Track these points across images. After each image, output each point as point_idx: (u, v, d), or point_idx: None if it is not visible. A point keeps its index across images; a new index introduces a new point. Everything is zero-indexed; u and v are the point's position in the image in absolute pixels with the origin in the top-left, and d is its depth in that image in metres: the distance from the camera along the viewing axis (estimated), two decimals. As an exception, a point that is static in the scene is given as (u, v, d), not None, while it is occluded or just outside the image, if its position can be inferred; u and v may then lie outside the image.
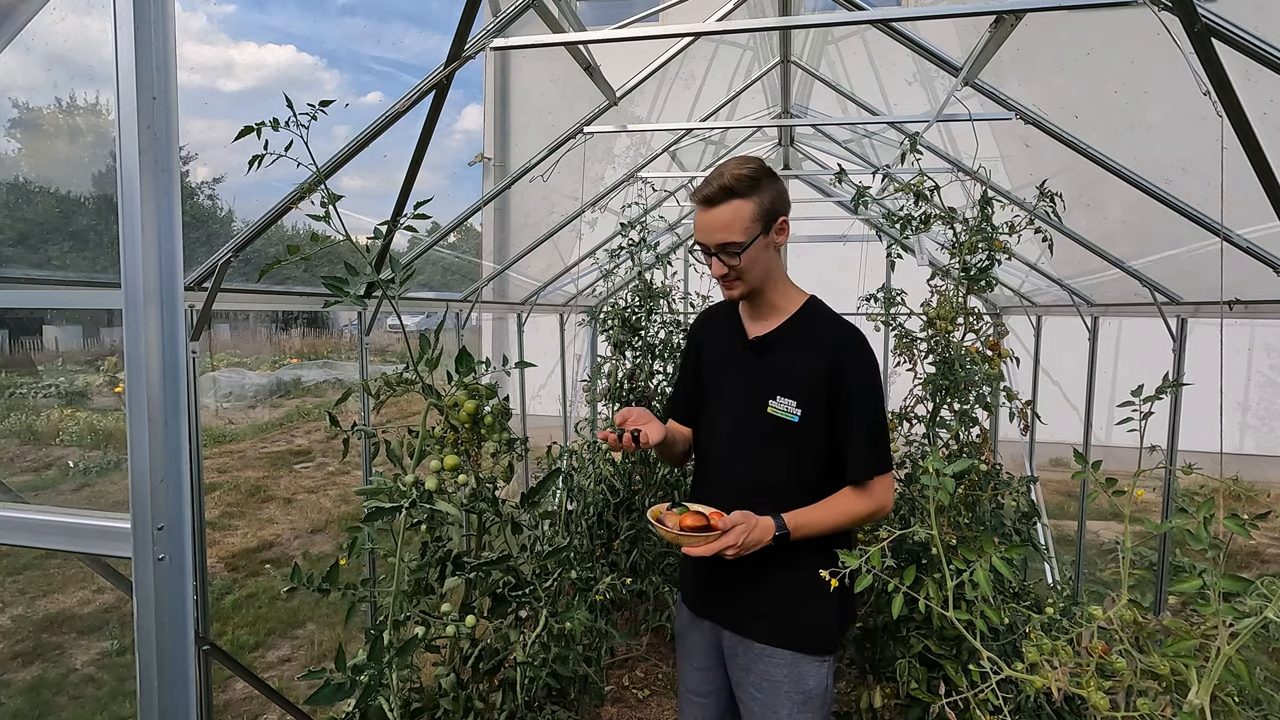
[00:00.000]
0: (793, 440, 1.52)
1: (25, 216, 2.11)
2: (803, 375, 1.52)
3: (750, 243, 1.48)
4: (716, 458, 1.65)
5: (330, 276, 1.22)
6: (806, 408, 1.51)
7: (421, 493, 1.20)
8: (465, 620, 1.27)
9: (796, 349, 1.56)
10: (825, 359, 1.50)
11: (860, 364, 1.52)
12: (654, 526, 1.45)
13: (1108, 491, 0.86)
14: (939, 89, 3.28)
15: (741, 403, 1.58)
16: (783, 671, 1.52)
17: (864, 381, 1.51)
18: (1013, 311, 4.77)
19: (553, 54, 2.74)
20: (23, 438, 9.42)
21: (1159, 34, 1.42)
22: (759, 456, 1.56)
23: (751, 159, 1.51)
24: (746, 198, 1.47)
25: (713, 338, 1.74)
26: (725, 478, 1.62)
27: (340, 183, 2.16)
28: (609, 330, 3.99)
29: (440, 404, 1.27)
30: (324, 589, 1.30)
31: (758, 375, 1.58)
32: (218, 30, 23.41)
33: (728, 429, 1.61)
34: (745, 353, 1.62)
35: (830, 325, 1.58)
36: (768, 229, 1.50)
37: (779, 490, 1.53)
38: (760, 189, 1.49)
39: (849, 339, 1.54)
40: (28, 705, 3.57)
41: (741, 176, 1.47)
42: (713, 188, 1.48)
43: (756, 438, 1.56)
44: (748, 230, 1.48)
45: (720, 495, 1.59)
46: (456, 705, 1.34)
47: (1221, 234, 2.14)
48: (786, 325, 1.59)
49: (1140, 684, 0.80)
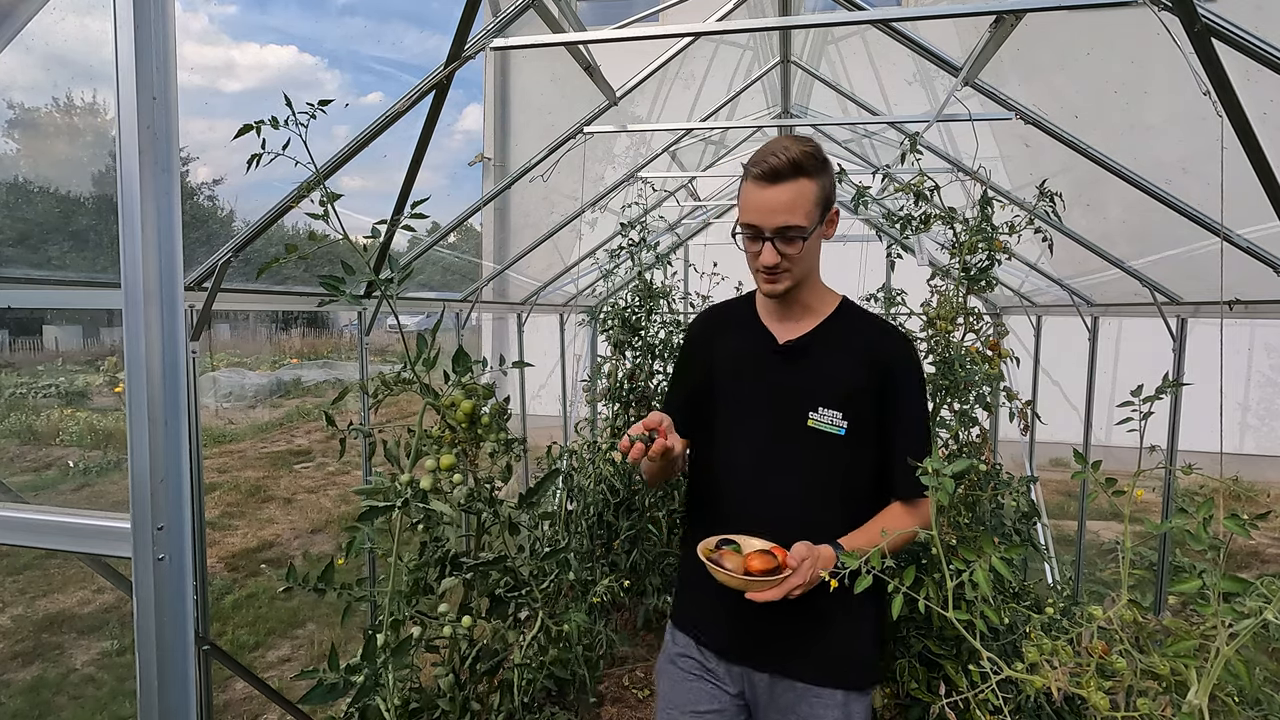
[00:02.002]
0: (838, 456, 1.37)
1: (25, 216, 2.11)
2: (847, 384, 1.38)
3: (813, 229, 1.32)
4: (737, 480, 1.44)
5: (327, 276, 1.22)
6: (853, 420, 1.36)
7: (416, 492, 1.20)
8: (462, 621, 1.27)
9: (837, 354, 1.41)
10: (874, 367, 1.38)
11: (914, 374, 1.41)
12: (712, 570, 1.24)
13: (1107, 491, 0.86)
14: (939, 89, 3.28)
15: (775, 415, 1.41)
16: (834, 714, 1.36)
17: (917, 393, 1.40)
18: (1013, 311, 4.77)
19: (553, 54, 2.74)
20: (23, 438, 9.42)
21: (1159, 34, 1.42)
22: (798, 474, 1.39)
23: (810, 143, 1.33)
24: (814, 179, 1.31)
25: (727, 340, 1.53)
26: (755, 500, 1.41)
27: (340, 182, 2.17)
28: (609, 330, 3.99)
29: (437, 403, 1.26)
30: (319, 589, 1.30)
31: (794, 384, 1.41)
32: (219, 31, 23.45)
33: (758, 445, 1.42)
34: (775, 358, 1.44)
35: (878, 330, 1.45)
36: (823, 217, 1.35)
37: (822, 510, 1.38)
38: (826, 171, 1.34)
39: (901, 347, 1.43)
40: (28, 705, 3.57)
41: (809, 154, 1.30)
42: (782, 161, 1.28)
43: (795, 453, 1.39)
44: (810, 216, 1.31)
45: (749, 521, 1.39)
46: (454, 706, 1.34)
47: (1221, 234, 2.14)
48: (823, 328, 1.43)
49: (1140, 684, 0.80)
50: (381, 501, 1.20)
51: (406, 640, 1.23)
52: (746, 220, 1.34)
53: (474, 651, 1.38)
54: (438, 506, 1.21)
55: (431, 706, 1.35)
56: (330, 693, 1.17)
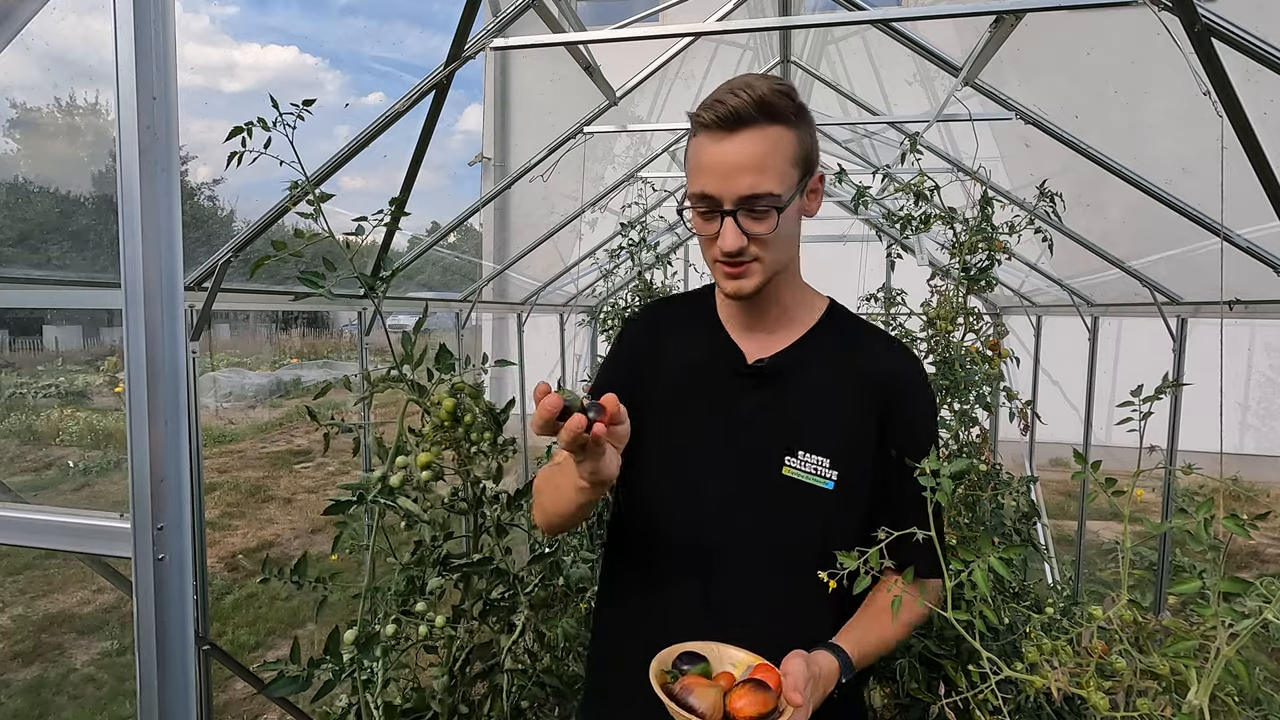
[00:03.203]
0: (821, 518, 0.99)
1: (25, 216, 2.11)
2: (838, 419, 1.01)
3: (790, 198, 0.94)
4: (677, 545, 1.04)
5: (307, 272, 1.22)
6: (845, 469, 0.99)
7: (384, 489, 1.20)
8: (436, 621, 1.27)
9: (826, 378, 1.03)
10: (875, 397, 1.01)
11: (924, 407, 1.06)
12: (673, 712, 0.81)
13: (1107, 491, 0.86)
14: (939, 89, 3.28)
15: (738, 459, 1.02)
16: None
17: (928, 434, 1.04)
18: (1013, 311, 4.77)
19: (553, 54, 2.74)
20: (23, 438, 9.43)
21: (1159, 34, 1.42)
22: (767, 541, 1.01)
23: (779, 78, 0.99)
24: (790, 127, 0.93)
25: (681, 348, 1.11)
26: (702, 573, 1.02)
27: (340, 182, 2.17)
28: (609, 330, 3.99)
29: (421, 401, 1.26)
30: (296, 582, 1.31)
31: (767, 417, 1.03)
32: (220, 31, 23.38)
33: (710, 499, 1.03)
34: (743, 381, 1.04)
35: (883, 345, 1.07)
36: (803, 185, 0.97)
37: (798, 593, 0.99)
38: (805, 119, 0.96)
39: (908, 370, 1.06)
40: (28, 705, 3.57)
41: (781, 93, 0.92)
42: (744, 100, 0.90)
43: (762, 513, 1.01)
44: (786, 179, 0.93)
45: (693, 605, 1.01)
46: (443, 707, 1.34)
47: (1222, 234, 2.14)
48: (807, 342, 1.05)
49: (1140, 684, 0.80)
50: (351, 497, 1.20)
51: (374, 637, 1.23)
52: (697, 188, 0.94)
53: (463, 655, 1.38)
54: (404, 504, 1.21)
55: (424, 707, 1.36)
56: (293, 684, 1.19)
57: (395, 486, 1.21)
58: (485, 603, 1.39)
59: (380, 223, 1.27)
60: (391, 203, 1.33)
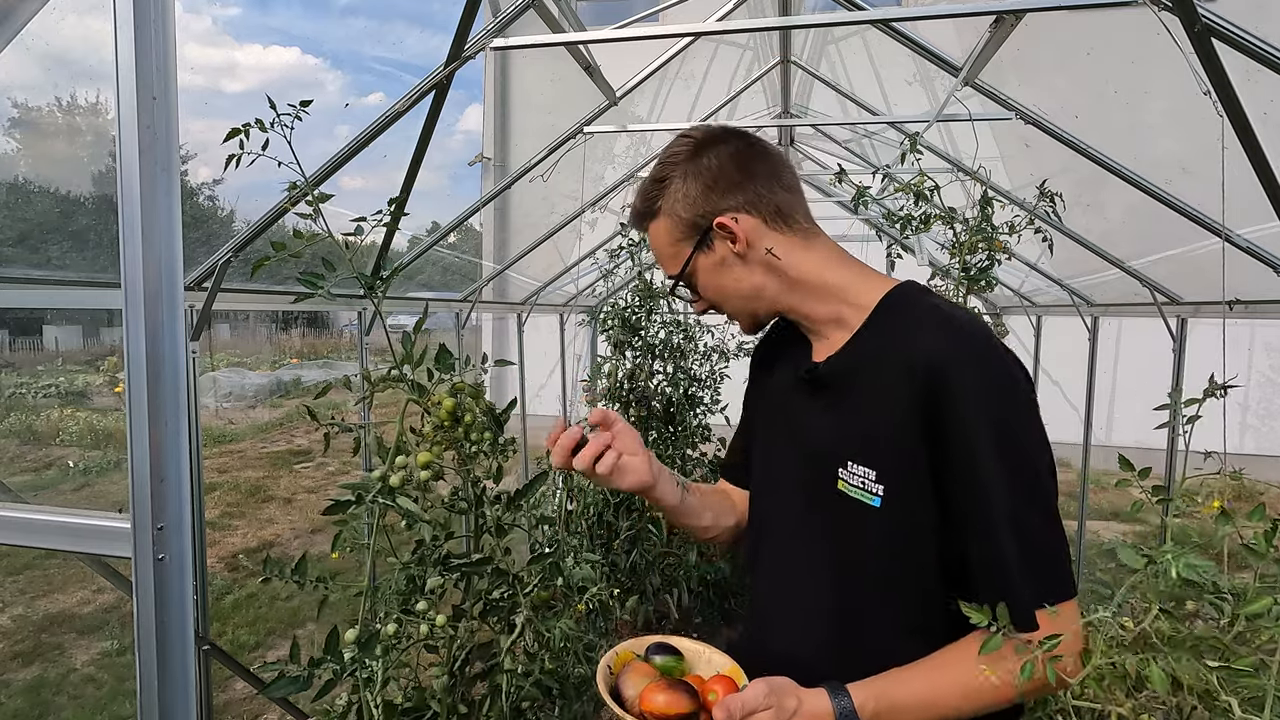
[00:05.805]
0: (870, 537, 0.89)
1: (25, 216, 2.12)
2: (885, 427, 0.88)
3: (684, 270, 0.99)
4: (758, 564, 1.07)
5: (306, 273, 1.22)
6: (892, 482, 0.87)
7: (383, 488, 1.20)
8: (436, 620, 1.27)
9: (876, 380, 0.90)
10: (916, 395, 0.85)
11: (982, 393, 0.83)
12: (609, 704, 0.85)
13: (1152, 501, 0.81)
14: (939, 89, 3.28)
15: (799, 473, 0.99)
16: None
17: (990, 427, 0.82)
18: (1013, 311, 4.77)
19: (553, 54, 2.74)
20: (23, 438, 9.43)
21: (1159, 34, 1.42)
22: (824, 560, 0.95)
23: (682, 138, 1.00)
24: (658, 216, 0.99)
25: (771, 359, 1.12)
26: (771, 594, 1.04)
27: (340, 182, 2.17)
28: (609, 330, 3.99)
29: (421, 401, 1.26)
30: (297, 581, 1.31)
31: (817, 425, 0.97)
32: (221, 32, 23.36)
33: (780, 517, 1.03)
34: (801, 386, 1.00)
35: (932, 324, 0.89)
36: (702, 243, 0.97)
37: (854, 620, 0.92)
38: (667, 192, 0.97)
39: (955, 353, 0.85)
40: (28, 705, 3.57)
41: (646, 188, 1.01)
42: (634, 208, 1.04)
43: (817, 525, 0.95)
44: (675, 258, 1.00)
45: (767, 632, 1.02)
46: (443, 707, 1.34)
47: (1222, 234, 2.14)
48: (856, 343, 0.95)
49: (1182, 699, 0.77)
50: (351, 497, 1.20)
51: (375, 635, 1.23)
52: None
53: (464, 654, 1.38)
54: (403, 503, 1.21)
55: (424, 706, 1.36)
56: (293, 684, 1.19)
57: (395, 486, 1.21)
58: (485, 602, 1.39)
59: (380, 223, 1.27)
60: (391, 203, 1.32)
